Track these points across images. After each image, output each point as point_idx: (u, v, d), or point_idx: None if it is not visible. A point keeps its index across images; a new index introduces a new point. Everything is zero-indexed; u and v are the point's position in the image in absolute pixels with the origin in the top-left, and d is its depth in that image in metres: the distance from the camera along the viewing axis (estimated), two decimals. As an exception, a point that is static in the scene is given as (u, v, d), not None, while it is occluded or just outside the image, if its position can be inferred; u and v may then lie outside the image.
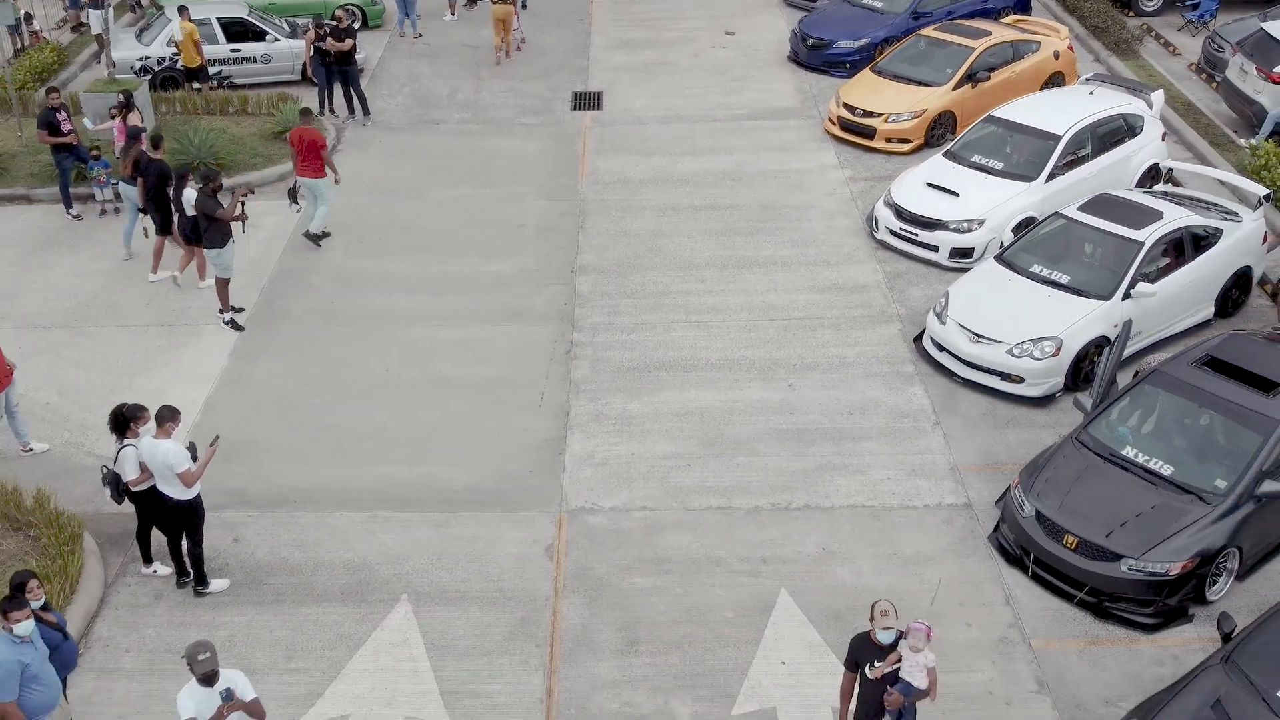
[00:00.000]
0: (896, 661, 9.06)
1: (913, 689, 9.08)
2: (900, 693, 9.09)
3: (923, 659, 9.03)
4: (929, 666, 9.07)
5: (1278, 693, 9.35)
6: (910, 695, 9.10)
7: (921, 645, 9.00)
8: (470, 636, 11.30)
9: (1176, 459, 11.87)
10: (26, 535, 12.04)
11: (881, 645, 9.11)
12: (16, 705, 8.62)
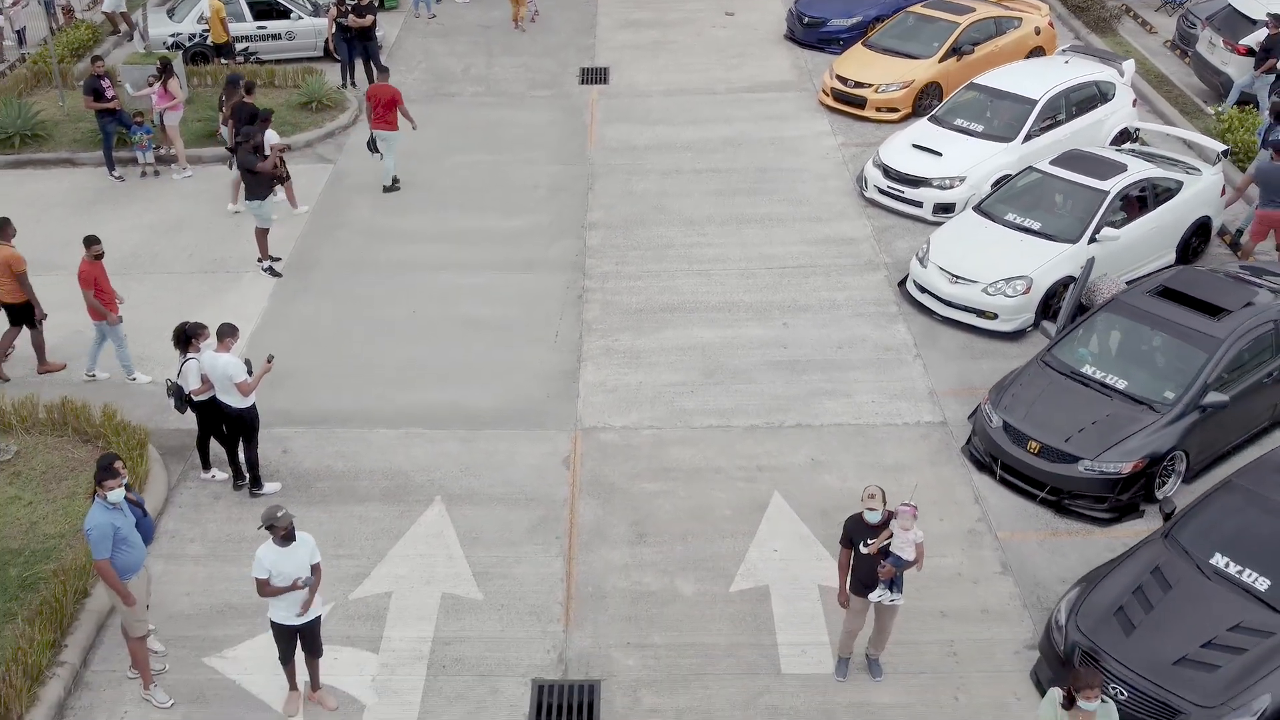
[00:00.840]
0: (888, 538, 10.22)
1: (903, 561, 10.24)
2: (892, 565, 10.24)
3: (911, 535, 10.22)
4: (917, 542, 10.26)
5: (1209, 560, 10.77)
6: (900, 566, 10.28)
7: (910, 524, 10.20)
8: (497, 530, 12.72)
9: (1130, 375, 13.30)
10: (95, 446, 13.45)
11: (870, 524, 10.31)
12: (109, 563, 10.02)
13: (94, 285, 14.11)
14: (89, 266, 14.08)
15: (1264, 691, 9.75)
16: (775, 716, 10.62)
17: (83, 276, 14.12)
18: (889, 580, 10.40)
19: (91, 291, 14.14)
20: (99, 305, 14.23)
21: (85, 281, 14.11)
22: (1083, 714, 8.81)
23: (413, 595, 11.88)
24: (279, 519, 9.82)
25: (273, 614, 10.12)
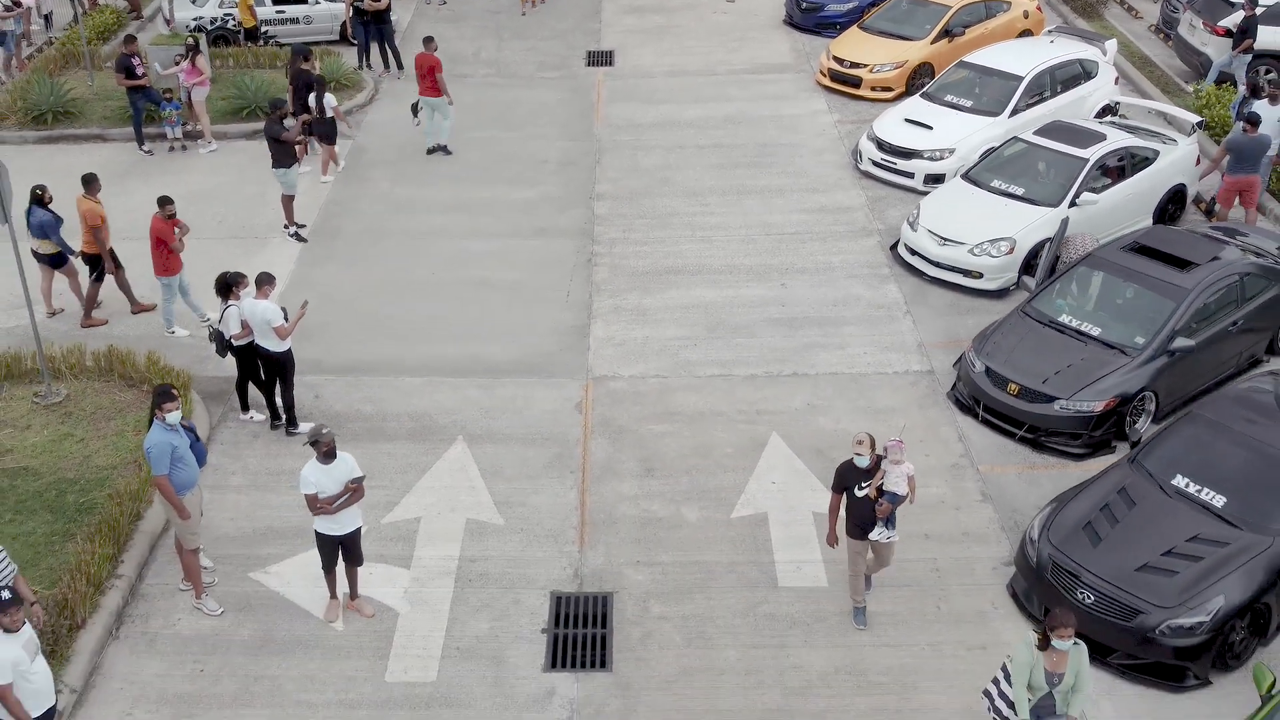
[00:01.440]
0: (883, 478, 11.01)
1: (898, 497, 11.01)
2: (889, 502, 11.01)
3: (903, 469, 11.00)
4: (909, 475, 11.02)
5: (1171, 481, 11.82)
6: (895, 502, 11.04)
7: (900, 457, 10.99)
8: (516, 466, 13.78)
9: (1103, 323, 14.36)
10: (140, 390, 14.51)
11: (861, 469, 11.07)
12: (168, 479, 11.07)
13: (162, 243, 15.14)
14: (162, 224, 15.13)
15: (1217, 594, 10.79)
16: (772, 623, 11.67)
17: (154, 234, 15.15)
18: (885, 518, 11.14)
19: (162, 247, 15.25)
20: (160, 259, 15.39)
21: (156, 238, 15.14)
22: (1056, 653, 9.37)
23: (439, 520, 12.93)
24: (323, 436, 10.88)
25: (317, 525, 11.17)
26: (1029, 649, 9.46)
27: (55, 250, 15.80)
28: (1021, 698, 9.43)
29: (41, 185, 15.74)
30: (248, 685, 10.95)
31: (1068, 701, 9.50)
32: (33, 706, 9.22)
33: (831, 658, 11.28)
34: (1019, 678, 9.46)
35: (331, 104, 19.60)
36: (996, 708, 9.68)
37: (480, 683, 11.04)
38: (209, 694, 10.86)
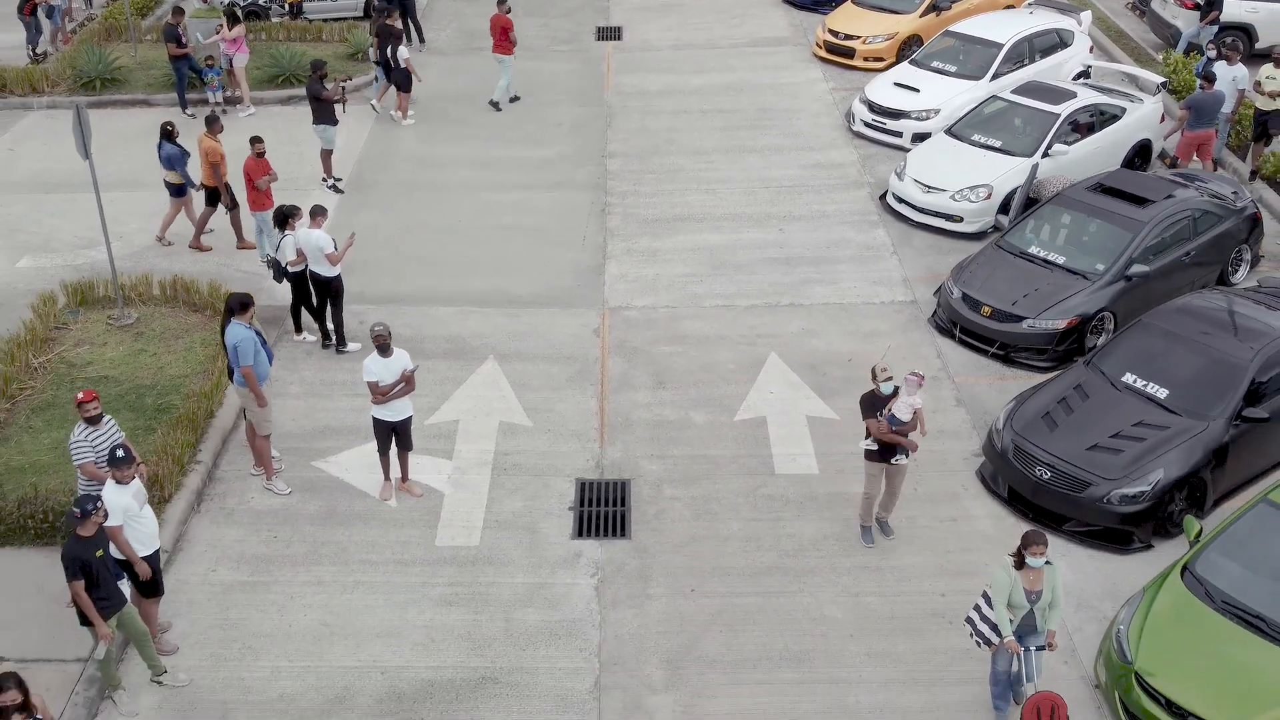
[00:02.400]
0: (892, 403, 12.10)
1: (896, 420, 12.15)
2: (886, 422, 12.11)
3: (912, 401, 12.13)
4: (916, 408, 12.14)
5: (1121, 377, 13.58)
6: (895, 425, 12.12)
7: (913, 391, 12.09)
8: (542, 379, 15.53)
9: (1068, 252, 16.13)
10: (203, 314, 16.27)
11: (884, 396, 12.26)
12: (252, 369, 12.81)
13: (248, 177, 16.91)
14: (253, 163, 16.88)
15: (1158, 468, 12.56)
16: (770, 502, 13.43)
17: (246, 172, 16.92)
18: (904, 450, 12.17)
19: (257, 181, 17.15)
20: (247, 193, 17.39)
21: (249, 175, 16.91)
22: (1033, 571, 10.15)
23: (476, 423, 14.70)
24: (380, 331, 12.64)
25: (375, 412, 12.93)
26: (1006, 573, 10.19)
27: (179, 181, 17.80)
28: (1003, 618, 10.16)
29: (170, 122, 17.90)
30: (316, 548, 12.72)
31: (1046, 618, 10.29)
32: (140, 548, 10.94)
33: (821, 528, 13.05)
34: (999, 599, 10.21)
35: (404, 56, 22.00)
36: (979, 631, 10.43)
37: (517, 546, 12.80)
38: (283, 555, 12.62)
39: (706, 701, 11.05)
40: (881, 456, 12.37)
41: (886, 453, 12.32)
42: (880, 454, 12.36)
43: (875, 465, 12.42)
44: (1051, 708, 9.20)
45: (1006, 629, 10.16)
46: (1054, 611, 10.31)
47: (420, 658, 11.45)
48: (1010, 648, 10.18)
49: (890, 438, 12.11)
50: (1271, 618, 10.45)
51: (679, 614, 12.00)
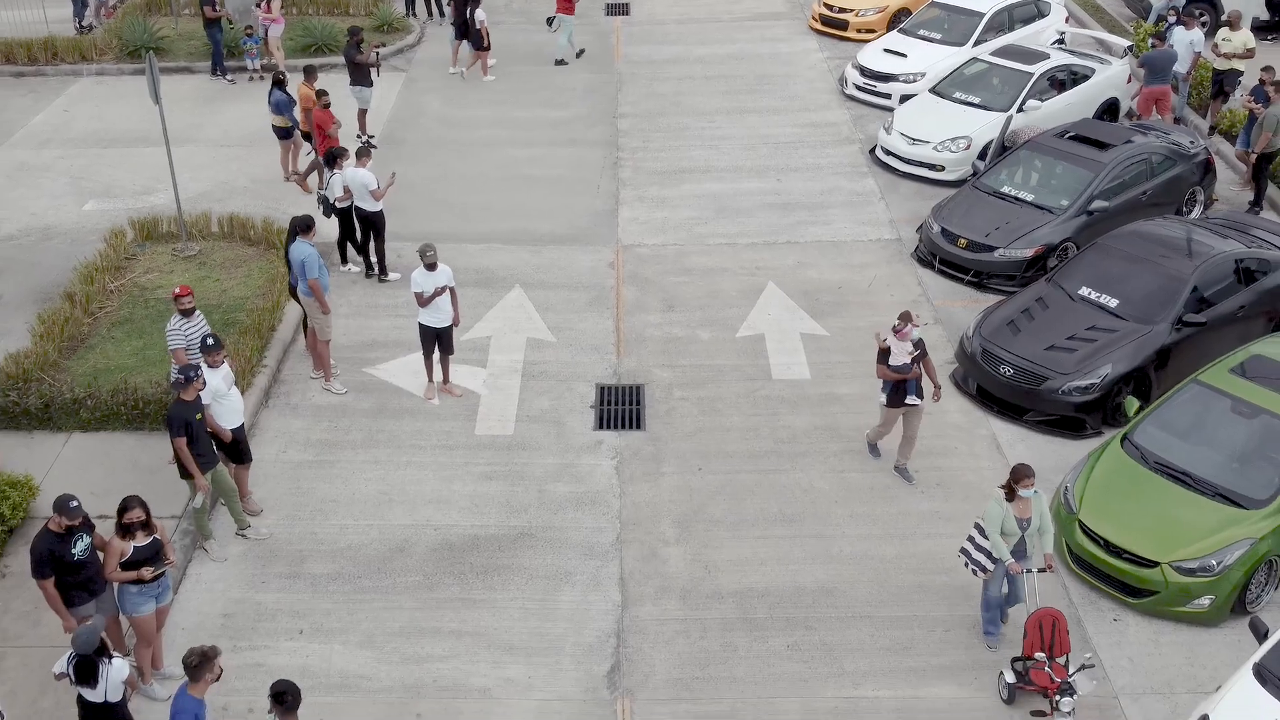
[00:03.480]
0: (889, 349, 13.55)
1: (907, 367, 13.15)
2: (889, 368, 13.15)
3: (905, 346, 13.17)
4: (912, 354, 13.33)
5: (1078, 290, 15.51)
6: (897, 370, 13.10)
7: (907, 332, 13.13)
8: (563, 304, 17.46)
9: (1036, 190, 18.07)
10: (258, 248, 18.20)
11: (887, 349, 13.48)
12: (319, 280, 14.73)
13: (320, 128, 18.81)
14: (321, 114, 18.80)
15: (1106, 364, 14.49)
16: (767, 400, 15.37)
17: (316, 121, 18.91)
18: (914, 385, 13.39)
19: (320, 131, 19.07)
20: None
21: (316, 125, 18.83)
22: (1022, 501, 11.13)
23: (505, 338, 16.63)
24: (428, 252, 14.57)
25: (421, 319, 14.85)
26: (998, 504, 11.17)
27: (286, 124, 19.87)
28: (998, 543, 11.10)
29: (282, 71, 20.08)
30: (372, 435, 14.66)
31: (1035, 544, 11.24)
32: (227, 423, 12.86)
33: (812, 420, 14.99)
34: (993, 528, 11.17)
35: (481, 19, 24.17)
36: (976, 560, 11.38)
37: (546, 435, 14.74)
38: (343, 440, 14.57)
39: (712, 552, 12.99)
40: (896, 402, 13.54)
41: (899, 398, 13.47)
42: (894, 400, 13.52)
43: (891, 411, 13.66)
44: (1053, 622, 10.66)
45: (1004, 553, 11.08)
46: (1045, 536, 11.31)
47: (466, 519, 13.39)
48: (1013, 569, 11.09)
49: (889, 375, 13.32)
50: (1195, 473, 12.39)
51: (688, 487, 13.94)
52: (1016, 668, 11.03)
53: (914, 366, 13.39)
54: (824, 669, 11.58)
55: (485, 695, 11.29)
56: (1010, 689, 11.02)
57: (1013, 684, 10.97)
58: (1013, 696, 11.05)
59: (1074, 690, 10.53)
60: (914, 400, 13.55)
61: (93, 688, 9.23)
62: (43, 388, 14.30)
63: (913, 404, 13.58)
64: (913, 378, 13.43)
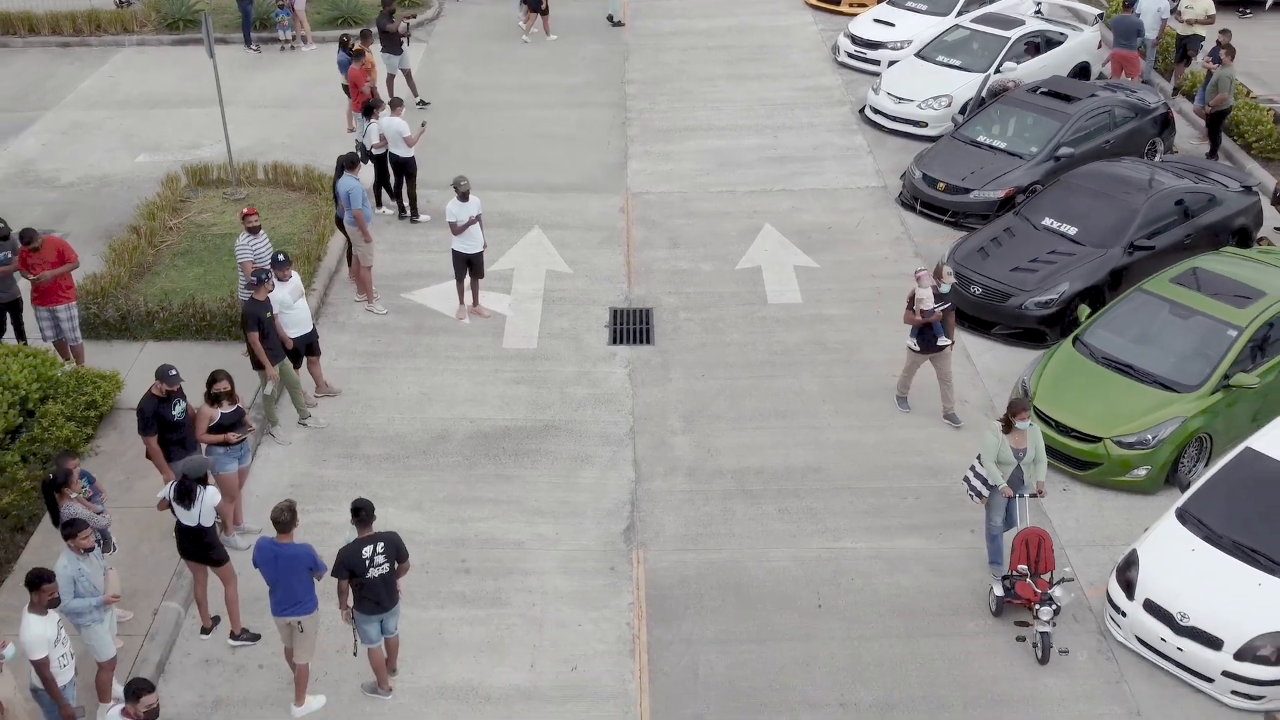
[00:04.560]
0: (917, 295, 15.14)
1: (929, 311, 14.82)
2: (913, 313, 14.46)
3: (926, 292, 14.32)
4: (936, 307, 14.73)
5: (1042, 221, 17.43)
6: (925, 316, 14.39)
7: (929, 281, 14.43)
8: (578, 242, 19.39)
9: (1009, 139, 20.00)
10: (300, 192, 20.13)
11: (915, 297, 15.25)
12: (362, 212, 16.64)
13: (355, 86, 20.69)
14: (357, 72, 20.69)
15: (1064, 282, 16.41)
16: (763, 321, 17.30)
17: (351, 79, 20.74)
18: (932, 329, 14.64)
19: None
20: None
21: (352, 82, 20.72)
22: (1018, 433, 12.14)
23: (527, 270, 18.56)
24: (462, 183, 16.50)
25: (455, 245, 16.77)
26: (995, 435, 12.25)
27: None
28: (994, 471, 12.13)
29: (347, 35, 21.88)
30: (411, 348, 16.60)
31: (1031, 473, 12.27)
32: (294, 331, 14.76)
33: (803, 335, 16.93)
34: (988, 457, 12.19)
35: None
36: (974, 487, 12.41)
37: (566, 348, 16.67)
38: (386, 352, 16.50)
39: (715, 439, 14.92)
40: (927, 347, 14.74)
41: (930, 341, 14.67)
42: (925, 344, 14.72)
43: (917, 356, 14.88)
44: (1038, 540, 11.64)
45: (998, 479, 12.14)
46: (1039, 466, 12.32)
47: (498, 413, 15.33)
48: (1004, 493, 12.15)
49: (915, 320, 14.58)
50: (1136, 365, 14.31)
51: (692, 390, 15.87)
52: (1005, 584, 11.92)
53: (936, 310, 14.53)
54: (810, 527, 13.51)
55: (520, 546, 13.22)
56: (999, 601, 12.04)
57: (1000, 597, 11.99)
58: (1000, 609, 12.09)
59: (1053, 601, 11.49)
60: (943, 340, 14.69)
61: (189, 509, 11.11)
62: (119, 303, 16.21)
63: (942, 344, 14.70)
64: (935, 320, 14.59)
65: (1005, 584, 11.97)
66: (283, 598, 10.73)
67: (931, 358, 14.89)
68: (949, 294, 14.80)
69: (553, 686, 11.56)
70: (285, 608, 10.73)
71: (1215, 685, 11.24)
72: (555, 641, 12.05)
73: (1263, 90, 23.76)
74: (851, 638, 12.08)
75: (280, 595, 10.69)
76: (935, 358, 14.89)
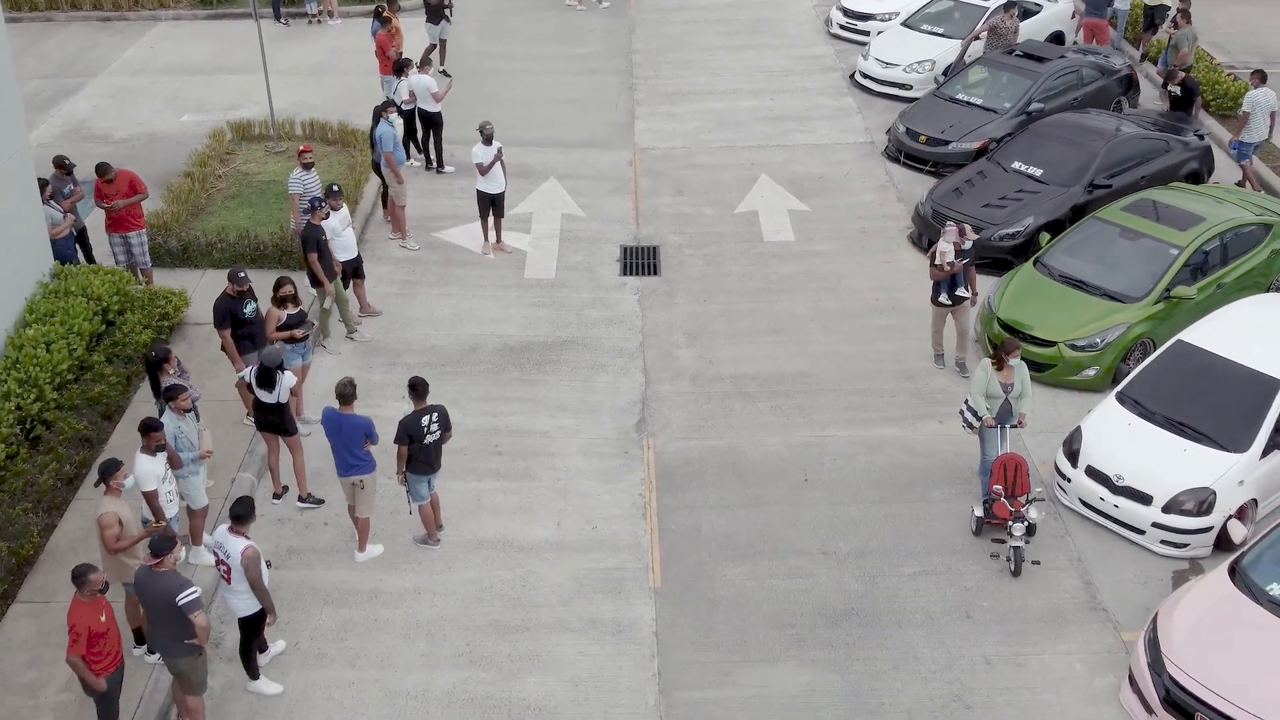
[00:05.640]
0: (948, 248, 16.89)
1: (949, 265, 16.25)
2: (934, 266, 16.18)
3: (946, 247, 15.60)
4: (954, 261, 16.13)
5: (1011, 165, 19.39)
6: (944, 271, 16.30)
7: (951, 237, 15.59)
8: (590, 190, 21.33)
9: (985, 96, 21.97)
10: (335, 146, 22.09)
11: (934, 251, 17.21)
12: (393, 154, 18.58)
13: (382, 50, 22.61)
14: (384, 37, 22.61)
15: (1029, 216, 18.35)
16: (760, 256, 19.25)
17: (379, 43, 22.66)
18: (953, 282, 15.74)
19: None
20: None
21: (379, 47, 22.64)
22: (1007, 369, 13.26)
23: (544, 213, 20.51)
24: (487, 127, 18.45)
25: (479, 186, 18.72)
26: (985, 371, 13.41)
27: None
28: (982, 404, 13.36)
29: (384, 3, 23.51)
30: (442, 277, 18.56)
31: (1016, 406, 13.49)
32: (342, 255, 16.68)
33: (795, 267, 18.88)
34: (978, 391, 13.38)
35: None
36: (966, 419, 13.61)
37: (581, 278, 18.63)
38: (420, 280, 18.46)
39: (715, 352, 16.87)
40: (949, 301, 15.88)
41: (951, 292, 15.78)
42: (949, 295, 15.81)
43: (942, 310, 15.99)
44: (1015, 465, 12.70)
45: (983, 410, 13.40)
46: (1024, 400, 13.53)
47: (521, 330, 17.29)
48: (988, 423, 13.40)
49: (937, 274, 15.73)
50: (1088, 280, 16.26)
51: (696, 313, 17.82)
52: (985, 505, 13.21)
53: (957, 264, 15.69)
54: (798, 419, 15.46)
55: (545, 435, 15.18)
56: (979, 521, 13.29)
57: (980, 518, 13.23)
58: (980, 529, 13.34)
59: (1025, 518, 12.70)
60: (963, 292, 15.79)
61: (270, 391, 13.06)
62: (180, 235, 18.16)
63: (962, 295, 15.80)
64: (956, 272, 15.74)
65: (985, 505, 13.37)
66: (345, 460, 12.67)
67: (953, 310, 15.99)
68: (970, 250, 15.86)
69: (577, 540, 13.51)
70: (348, 469, 12.67)
71: (1146, 536, 13.17)
72: (578, 506, 14.00)
73: (1225, 58, 25.72)
74: (833, 503, 14.03)
75: (343, 458, 12.63)
76: (956, 310, 15.95)
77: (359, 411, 12.76)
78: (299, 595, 12.65)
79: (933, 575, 13.00)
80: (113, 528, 10.85)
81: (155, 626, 10.42)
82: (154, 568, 10.15)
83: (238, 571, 10.67)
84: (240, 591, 10.80)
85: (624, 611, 12.57)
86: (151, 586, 10.19)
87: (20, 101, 16.20)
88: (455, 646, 12.13)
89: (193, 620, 10.07)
